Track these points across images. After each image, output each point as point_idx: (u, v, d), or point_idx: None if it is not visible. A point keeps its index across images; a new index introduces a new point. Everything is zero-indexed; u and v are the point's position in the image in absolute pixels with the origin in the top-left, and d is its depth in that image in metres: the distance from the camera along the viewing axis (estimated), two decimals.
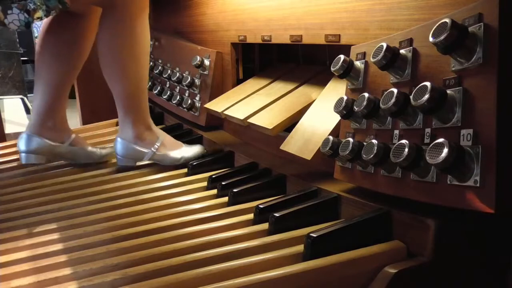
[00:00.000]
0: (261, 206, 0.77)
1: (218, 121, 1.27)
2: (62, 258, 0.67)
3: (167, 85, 1.48)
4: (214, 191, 0.92)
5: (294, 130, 0.92)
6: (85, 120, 1.74)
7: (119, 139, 1.08)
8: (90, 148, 1.16)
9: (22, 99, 3.75)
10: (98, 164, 1.15)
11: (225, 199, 0.87)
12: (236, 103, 1.13)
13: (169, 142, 1.12)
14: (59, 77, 1.11)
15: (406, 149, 0.58)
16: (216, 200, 0.88)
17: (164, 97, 1.44)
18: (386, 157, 0.63)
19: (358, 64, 0.74)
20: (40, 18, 0.87)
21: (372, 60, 0.66)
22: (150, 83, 1.56)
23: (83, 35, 1.12)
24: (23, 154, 1.09)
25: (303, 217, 0.73)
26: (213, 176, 0.97)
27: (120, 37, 1.01)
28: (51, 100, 1.10)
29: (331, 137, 0.74)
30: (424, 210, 0.61)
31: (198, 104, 1.31)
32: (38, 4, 0.85)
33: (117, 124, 1.49)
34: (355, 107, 0.69)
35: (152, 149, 1.08)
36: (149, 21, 1.07)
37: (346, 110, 0.72)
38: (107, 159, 1.17)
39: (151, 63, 1.57)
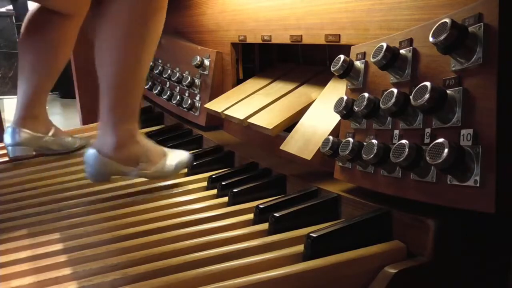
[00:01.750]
0: (261, 206, 0.77)
1: (218, 121, 1.27)
2: (62, 258, 0.67)
3: (167, 85, 1.48)
4: (214, 191, 0.92)
5: (294, 130, 0.92)
6: (85, 120, 1.74)
7: (93, 150, 0.87)
8: (69, 139, 1.22)
9: None
10: None
11: (225, 199, 0.87)
12: (236, 103, 1.13)
13: (154, 154, 0.94)
14: (41, 76, 1.13)
15: (406, 149, 0.58)
16: (216, 200, 0.88)
17: (164, 97, 1.44)
18: (386, 157, 0.63)
19: (358, 64, 0.74)
20: None
21: (372, 60, 0.66)
22: (150, 83, 1.56)
23: (68, 36, 1.09)
24: (10, 148, 1.13)
25: (303, 217, 0.73)
26: (213, 176, 0.97)
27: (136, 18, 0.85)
28: (34, 96, 1.14)
29: (331, 137, 0.74)
30: (424, 210, 0.61)
31: (198, 104, 1.31)
32: None
33: None
34: (355, 107, 0.69)
35: (138, 167, 0.90)
36: None
37: (346, 110, 0.72)
38: (85, 145, 1.23)
39: (151, 63, 1.57)
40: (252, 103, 1.08)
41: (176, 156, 0.97)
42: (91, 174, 0.89)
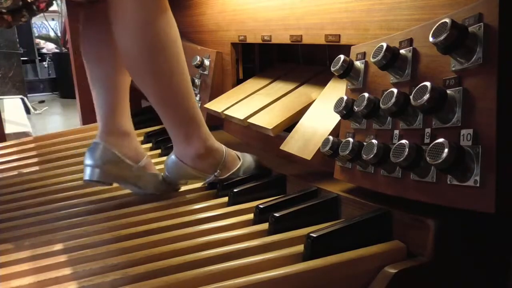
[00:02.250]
0: (261, 206, 0.77)
1: (218, 121, 1.27)
2: (62, 258, 0.67)
3: None
4: (214, 191, 0.92)
5: (294, 130, 0.92)
6: (85, 120, 1.74)
7: (173, 157, 0.88)
8: (161, 177, 0.93)
9: (22, 99, 3.75)
10: None
11: (225, 199, 0.87)
12: (236, 103, 1.13)
13: (230, 160, 0.94)
14: (110, 79, 0.93)
15: (406, 149, 0.58)
16: (216, 200, 0.88)
17: None
18: (386, 157, 0.63)
19: (358, 64, 0.74)
20: None
21: (372, 60, 0.66)
22: None
23: None
24: (89, 168, 0.85)
25: (303, 217, 0.73)
26: None
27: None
28: (115, 101, 0.93)
29: (331, 137, 0.74)
30: (424, 210, 0.61)
31: (198, 104, 1.30)
32: None
33: None
34: (355, 107, 0.69)
35: (215, 174, 0.91)
36: None
37: (346, 110, 0.72)
38: (173, 188, 0.94)
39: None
40: (252, 103, 1.08)
41: (245, 161, 0.97)
42: (169, 178, 0.90)
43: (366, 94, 0.68)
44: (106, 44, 0.91)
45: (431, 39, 0.55)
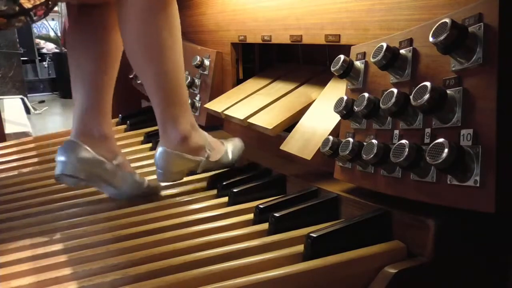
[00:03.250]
0: (261, 206, 0.77)
1: (218, 121, 1.27)
2: (62, 258, 0.67)
3: None
4: (214, 191, 0.92)
5: (294, 130, 0.92)
6: None
7: (160, 148, 0.87)
8: (137, 177, 0.91)
9: (22, 99, 3.76)
10: None
11: (225, 199, 0.87)
12: (236, 103, 1.13)
13: (215, 142, 0.95)
14: (94, 76, 0.92)
15: (406, 149, 0.58)
16: (216, 200, 0.88)
17: None
18: (386, 157, 0.63)
19: (358, 64, 0.74)
20: None
21: (372, 60, 0.66)
22: None
23: (109, 26, 0.93)
24: (60, 163, 0.85)
25: (303, 217, 0.73)
26: (213, 177, 0.97)
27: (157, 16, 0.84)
28: (94, 103, 0.91)
29: (331, 137, 0.74)
30: (424, 210, 0.61)
31: (198, 104, 1.31)
32: None
33: (117, 124, 1.49)
34: (355, 107, 0.69)
35: (205, 156, 0.91)
36: None
37: (346, 110, 0.72)
38: (154, 192, 0.93)
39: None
40: (252, 103, 1.08)
41: (230, 144, 0.99)
42: (163, 175, 0.89)
43: (366, 94, 0.68)
44: (97, 43, 0.92)
45: (431, 39, 0.55)
